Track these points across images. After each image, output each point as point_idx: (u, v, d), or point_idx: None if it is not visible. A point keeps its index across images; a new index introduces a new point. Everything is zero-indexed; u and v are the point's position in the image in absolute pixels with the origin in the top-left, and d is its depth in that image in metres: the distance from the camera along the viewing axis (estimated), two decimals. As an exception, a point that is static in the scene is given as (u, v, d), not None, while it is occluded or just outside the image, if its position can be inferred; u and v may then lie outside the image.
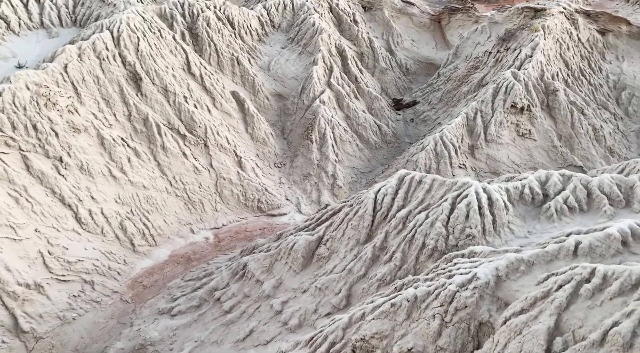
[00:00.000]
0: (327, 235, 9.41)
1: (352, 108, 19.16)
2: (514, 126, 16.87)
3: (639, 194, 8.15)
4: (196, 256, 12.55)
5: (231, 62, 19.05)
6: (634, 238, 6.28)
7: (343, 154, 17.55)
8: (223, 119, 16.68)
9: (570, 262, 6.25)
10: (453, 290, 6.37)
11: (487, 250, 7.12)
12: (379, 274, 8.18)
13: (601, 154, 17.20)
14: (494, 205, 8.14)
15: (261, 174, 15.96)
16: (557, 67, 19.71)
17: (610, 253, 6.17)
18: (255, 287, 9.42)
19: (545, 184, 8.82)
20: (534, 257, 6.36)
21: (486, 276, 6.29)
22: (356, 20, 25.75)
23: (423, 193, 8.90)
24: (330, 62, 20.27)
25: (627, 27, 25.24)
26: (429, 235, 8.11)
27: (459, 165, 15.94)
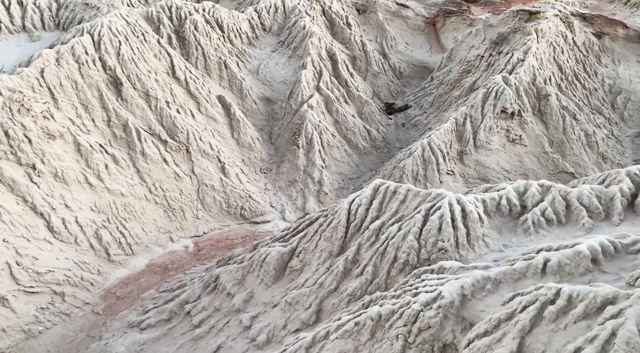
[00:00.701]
0: (301, 246, 9.12)
1: (341, 113, 18.88)
2: (504, 132, 16.54)
3: (618, 206, 7.82)
4: (174, 265, 12.28)
5: (218, 65, 18.82)
6: (604, 256, 5.97)
7: (330, 159, 17.26)
8: (208, 124, 16.43)
9: (539, 281, 5.94)
10: (417, 309, 6.06)
11: (456, 265, 6.81)
12: (350, 289, 7.88)
13: (593, 160, 16.84)
14: (467, 217, 7.83)
15: (245, 180, 15.70)
16: (550, 71, 19.38)
17: (579, 271, 5.86)
18: (226, 301, 9.14)
19: (524, 195, 8.50)
20: (501, 275, 6.05)
21: (451, 295, 5.98)
22: (349, 23, 25.50)
23: (397, 204, 8.60)
24: (319, 66, 20.00)
25: (624, 30, 24.88)
26: (401, 249, 7.81)
27: (447, 171, 15.63)
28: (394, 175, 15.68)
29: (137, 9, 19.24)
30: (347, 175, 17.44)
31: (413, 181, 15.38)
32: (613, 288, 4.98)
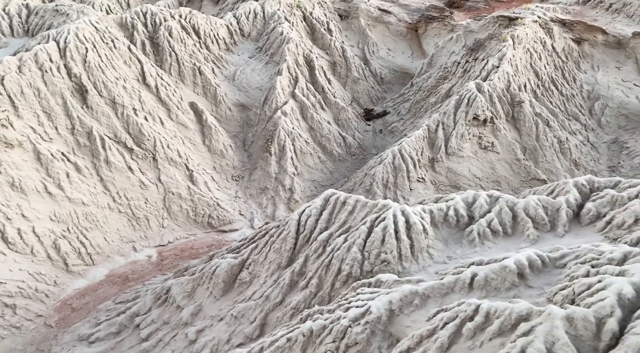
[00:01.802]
0: (251, 258, 9.00)
1: (316, 119, 18.81)
2: (476, 139, 16.50)
3: (563, 218, 7.75)
4: (135, 276, 12.12)
5: (193, 72, 18.73)
6: (531, 270, 5.88)
7: (303, 166, 17.17)
8: (178, 131, 16.31)
9: (466, 296, 5.84)
10: (345, 325, 5.95)
11: (392, 279, 6.71)
12: (294, 302, 7.76)
13: (566, 167, 16.81)
14: (411, 228, 7.73)
15: (215, 188, 15.57)
16: (526, 78, 19.39)
17: (505, 286, 5.77)
18: (175, 314, 9.00)
19: (472, 206, 8.43)
20: (429, 289, 5.95)
21: (378, 310, 5.87)
22: (330, 29, 25.50)
23: (346, 215, 8.50)
24: (295, 72, 19.94)
25: (603, 36, 24.98)
26: (345, 261, 7.70)
27: (417, 179, 15.55)
28: (365, 182, 15.60)
29: (111, 16, 19.16)
30: (320, 182, 17.35)
31: (383, 188, 15.31)
32: (528, 305, 4.89)
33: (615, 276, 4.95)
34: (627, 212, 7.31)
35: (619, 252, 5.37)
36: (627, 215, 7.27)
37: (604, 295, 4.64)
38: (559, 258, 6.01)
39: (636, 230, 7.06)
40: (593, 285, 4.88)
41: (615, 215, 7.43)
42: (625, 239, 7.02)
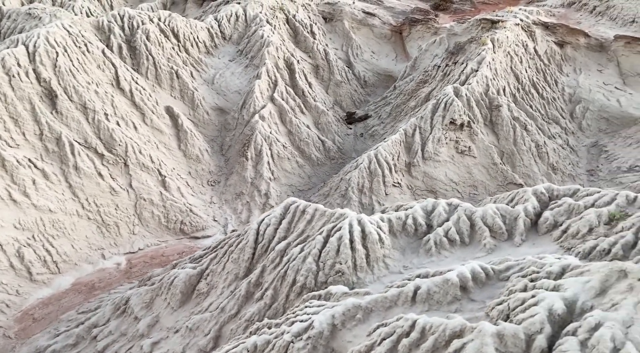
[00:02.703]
0: (210, 268, 8.86)
1: (295, 123, 18.69)
2: (453, 143, 16.44)
3: (521, 227, 7.67)
4: (102, 284, 11.94)
5: (170, 75, 18.57)
6: (475, 283, 5.78)
7: (280, 171, 17.04)
8: (153, 136, 16.14)
9: (408, 310, 5.74)
10: (287, 340, 5.83)
11: (341, 291, 6.59)
12: (248, 314, 7.63)
13: (543, 171, 16.79)
14: (367, 238, 7.63)
15: (189, 193, 15.41)
16: (506, 81, 19.37)
17: (447, 300, 5.67)
18: (133, 325, 8.84)
19: (431, 214, 8.33)
20: (372, 303, 5.84)
21: (321, 325, 5.76)
22: (313, 32, 25.40)
23: (304, 225, 8.38)
24: (275, 75, 19.82)
25: (585, 39, 25.04)
26: (300, 271, 7.58)
27: (393, 183, 15.47)
28: (340, 187, 15.49)
29: (87, 19, 18.97)
30: (298, 186, 17.23)
31: (359, 193, 15.21)
32: (461, 321, 4.79)
33: (550, 291, 4.86)
34: (581, 221, 7.24)
35: (557, 266, 5.29)
36: (582, 224, 7.20)
37: (535, 311, 4.55)
38: (503, 271, 5.93)
39: (589, 239, 6.99)
40: (527, 300, 4.79)
41: (571, 224, 7.36)
42: (578, 249, 6.95)
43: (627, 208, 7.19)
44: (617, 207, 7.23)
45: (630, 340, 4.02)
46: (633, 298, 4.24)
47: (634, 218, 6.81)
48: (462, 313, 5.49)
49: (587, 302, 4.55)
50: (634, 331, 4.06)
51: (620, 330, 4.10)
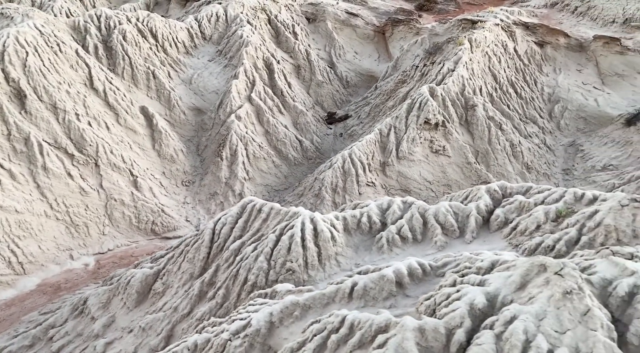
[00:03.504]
0: (166, 268, 8.83)
1: (272, 123, 18.67)
2: (427, 142, 16.49)
3: (472, 224, 7.70)
4: (68, 285, 11.86)
5: (146, 76, 18.49)
6: (411, 279, 5.79)
7: (256, 171, 17.01)
8: (127, 136, 16.07)
9: (346, 306, 5.74)
10: (225, 338, 5.80)
11: (284, 289, 6.58)
12: (199, 313, 7.60)
13: (518, 170, 16.87)
14: (319, 236, 7.62)
15: (162, 194, 15.35)
16: (483, 81, 19.46)
17: (382, 296, 5.67)
18: (89, 325, 8.78)
19: (386, 212, 8.35)
20: (310, 300, 5.83)
21: (258, 323, 5.74)
22: (295, 32, 25.41)
23: (260, 223, 8.37)
24: (253, 75, 19.80)
25: (565, 39, 25.23)
26: (252, 270, 7.57)
27: (366, 183, 15.48)
28: (314, 187, 15.49)
29: (62, 19, 18.88)
30: (274, 186, 17.20)
31: (332, 193, 15.21)
32: (387, 316, 4.79)
33: (475, 286, 4.88)
34: (530, 218, 7.28)
35: (487, 261, 5.31)
36: (530, 221, 7.24)
37: (457, 306, 4.56)
38: (440, 267, 5.94)
39: (536, 236, 7.03)
40: (451, 295, 4.80)
41: (520, 221, 7.40)
42: (525, 245, 6.99)
43: (574, 205, 7.24)
44: (565, 204, 7.28)
45: (542, 332, 4.04)
46: (548, 292, 4.26)
47: (578, 215, 6.86)
48: (396, 308, 5.50)
49: (508, 296, 4.56)
50: (546, 323, 4.08)
51: (533, 323, 4.12)
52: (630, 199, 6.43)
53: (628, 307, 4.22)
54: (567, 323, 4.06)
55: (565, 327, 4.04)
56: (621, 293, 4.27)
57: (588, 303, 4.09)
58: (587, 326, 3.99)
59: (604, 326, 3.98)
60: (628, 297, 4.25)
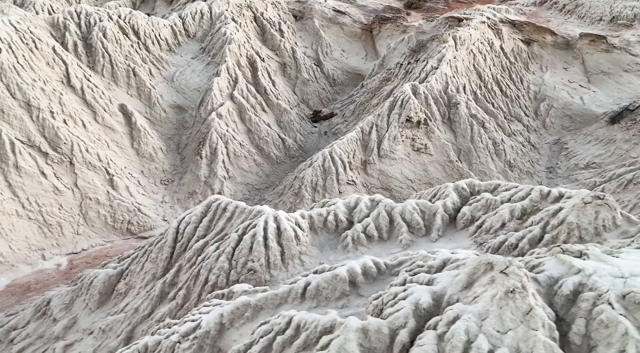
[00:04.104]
0: (129, 268, 8.64)
1: (254, 121, 18.48)
2: (409, 141, 16.35)
3: (438, 222, 7.57)
4: (38, 286, 11.63)
5: (127, 73, 18.25)
6: (366, 278, 5.64)
7: (236, 169, 16.82)
8: (105, 134, 15.83)
9: (298, 306, 5.58)
10: (174, 340, 5.63)
11: (240, 289, 6.42)
12: (159, 314, 7.42)
13: (500, 169, 16.78)
14: (282, 235, 7.46)
15: (139, 193, 15.13)
16: (467, 79, 19.35)
17: (335, 296, 5.52)
18: (50, 327, 8.58)
19: (353, 210, 8.20)
20: (262, 300, 5.66)
21: (208, 324, 5.57)
22: (281, 30, 25.21)
23: (224, 222, 8.19)
24: (235, 73, 19.60)
25: (552, 37, 25.19)
26: (213, 270, 7.40)
27: (347, 181, 15.33)
28: (294, 186, 15.32)
29: (42, 15, 18.60)
30: (255, 185, 17.02)
31: (312, 191, 15.05)
32: (332, 317, 4.63)
33: (424, 284, 4.73)
34: (495, 217, 7.15)
35: (439, 260, 5.16)
36: (496, 219, 7.11)
37: (401, 306, 4.42)
38: (396, 266, 5.80)
39: (500, 234, 6.90)
40: (398, 294, 4.65)
41: (486, 219, 7.27)
42: (489, 243, 6.86)
43: (540, 203, 7.11)
44: (531, 201, 7.16)
45: (483, 332, 3.90)
46: (492, 291, 4.12)
47: (543, 213, 6.74)
48: (348, 308, 5.35)
49: (454, 296, 4.42)
50: (488, 323, 3.94)
51: (475, 323, 3.97)
52: (593, 197, 6.31)
53: (572, 305, 4.09)
54: (509, 322, 3.92)
55: (507, 327, 3.90)
56: (566, 292, 4.13)
57: (530, 303, 3.95)
58: (529, 326, 3.86)
59: (545, 325, 3.85)
60: (573, 295, 4.12)
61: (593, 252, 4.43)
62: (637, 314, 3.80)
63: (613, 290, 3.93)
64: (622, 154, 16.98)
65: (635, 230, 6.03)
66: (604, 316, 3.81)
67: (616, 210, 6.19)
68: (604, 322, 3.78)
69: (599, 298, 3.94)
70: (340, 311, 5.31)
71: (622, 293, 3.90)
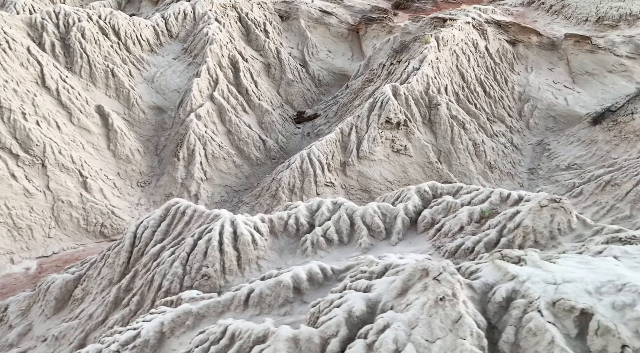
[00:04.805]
0: (87, 273, 8.45)
1: (234, 122, 18.30)
2: (389, 142, 16.22)
3: (398, 225, 7.43)
4: (4, 290, 11.40)
5: (105, 74, 18.04)
6: (311, 284, 5.49)
7: (215, 171, 16.63)
8: (80, 136, 15.62)
9: (241, 314, 5.42)
10: (114, 350, 5.46)
11: (188, 296, 6.25)
12: (112, 321, 7.24)
13: (480, 170, 16.67)
14: (239, 239, 7.30)
15: (114, 195, 14.92)
16: (449, 80, 19.25)
17: (278, 303, 5.36)
18: (5, 334, 8.38)
19: (315, 214, 8.05)
20: (204, 308, 5.50)
21: (148, 333, 5.39)
22: (266, 30, 25.06)
23: (182, 227, 8.02)
24: (216, 74, 19.41)
25: (538, 38, 25.16)
26: (166, 276, 7.22)
27: (325, 183, 15.17)
28: (271, 187, 15.15)
29: (19, 15, 18.36)
30: (234, 187, 16.83)
31: (289, 193, 14.89)
32: (266, 326, 4.48)
33: (362, 291, 4.59)
34: (454, 220, 7.02)
35: (381, 265, 5.02)
36: (454, 222, 6.98)
37: (334, 313, 4.27)
38: (343, 271, 5.65)
39: (458, 238, 6.77)
40: (334, 302, 4.50)
41: (445, 222, 7.13)
42: (447, 247, 6.72)
43: (499, 206, 6.99)
44: (490, 204, 7.02)
45: (412, 341, 3.75)
46: (423, 298, 3.97)
47: (500, 216, 6.61)
48: (291, 316, 5.20)
49: (388, 303, 4.27)
50: (417, 332, 3.79)
51: (404, 332, 3.83)
52: (550, 200, 6.18)
53: (505, 313, 3.95)
54: (437, 331, 3.78)
55: (436, 336, 3.76)
56: (499, 299, 4.00)
57: (460, 310, 3.81)
58: (457, 334, 3.72)
59: (474, 334, 3.71)
60: (506, 302, 3.98)
61: (531, 258, 4.30)
62: (566, 322, 3.67)
63: (544, 297, 3.80)
64: (603, 155, 16.93)
65: (589, 234, 5.91)
66: (532, 324, 3.67)
67: (571, 214, 6.06)
68: (532, 330, 3.65)
69: (529, 305, 3.81)
70: (282, 319, 5.16)
71: (552, 300, 3.76)
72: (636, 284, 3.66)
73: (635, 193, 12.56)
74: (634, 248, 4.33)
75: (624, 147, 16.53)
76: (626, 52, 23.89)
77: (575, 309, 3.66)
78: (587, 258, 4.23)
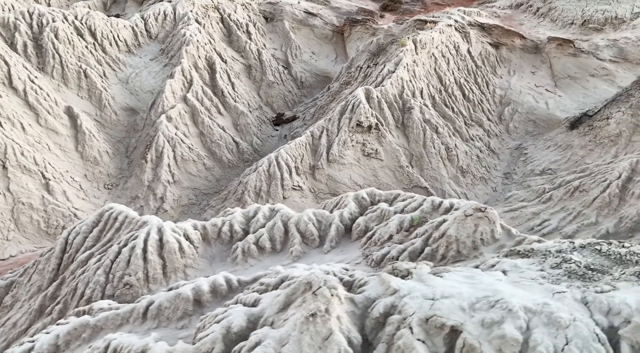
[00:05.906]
0: (18, 280, 8.26)
1: (207, 124, 18.12)
2: (359, 145, 16.01)
3: (332, 233, 7.22)
4: (-46, 293, 11.20)
5: (77, 75, 17.88)
6: (213, 296, 5.27)
7: (183, 174, 16.44)
8: (47, 137, 15.45)
9: (140, 326, 5.21)
10: (11, 362, 5.27)
11: (98, 306, 6.04)
12: (33, 330, 7.04)
13: (452, 174, 16.45)
14: (164, 247, 7.09)
15: (79, 197, 14.74)
16: (425, 83, 19.03)
17: (177, 316, 5.15)
18: (-64, 340, 8.18)
19: (251, 220, 7.84)
20: (102, 320, 5.29)
21: (42, 346, 5.17)
22: (249, 32, 24.90)
23: (112, 233, 7.82)
24: (191, 75, 19.24)
25: (521, 41, 24.95)
26: (89, 284, 7.02)
27: (292, 187, 14.97)
28: (238, 191, 14.95)
29: (-9, 15, 18.24)
30: (203, 190, 16.64)
31: (255, 197, 14.68)
32: (145, 342, 4.27)
33: (249, 306, 4.38)
34: (385, 228, 6.81)
35: (278, 278, 4.81)
36: (384, 230, 6.77)
37: (212, 329, 4.06)
38: (250, 282, 5.44)
39: (385, 246, 6.56)
40: (217, 316, 4.30)
41: (377, 230, 6.92)
42: (373, 256, 6.51)
43: (430, 214, 6.77)
44: (422, 212, 6.81)
45: (279, 362, 3.55)
46: (298, 314, 3.77)
47: (428, 225, 6.40)
48: (188, 329, 4.99)
49: (270, 318, 4.06)
50: (287, 350, 3.57)
51: (273, 349, 3.62)
52: (475, 209, 5.97)
53: (381, 329, 3.74)
54: (307, 349, 3.57)
55: (303, 356, 3.55)
56: (376, 315, 3.78)
57: (331, 327, 3.60)
58: (326, 352, 3.51)
59: (342, 352, 3.50)
60: (383, 318, 3.77)
61: (418, 272, 4.08)
62: (436, 339, 3.46)
63: (418, 313, 3.59)
64: (578, 160, 16.69)
65: (511, 244, 5.70)
66: (401, 342, 3.46)
67: (495, 224, 5.85)
68: (401, 348, 3.44)
69: (403, 321, 3.60)
70: (177, 332, 4.96)
71: (425, 316, 3.55)
72: (508, 301, 3.45)
73: (601, 200, 12.33)
74: (525, 262, 4.12)
75: (598, 152, 16.29)
76: (609, 56, 23.67)
77: (446, 326, 3.45)
78: (473, 273, 4.01)
